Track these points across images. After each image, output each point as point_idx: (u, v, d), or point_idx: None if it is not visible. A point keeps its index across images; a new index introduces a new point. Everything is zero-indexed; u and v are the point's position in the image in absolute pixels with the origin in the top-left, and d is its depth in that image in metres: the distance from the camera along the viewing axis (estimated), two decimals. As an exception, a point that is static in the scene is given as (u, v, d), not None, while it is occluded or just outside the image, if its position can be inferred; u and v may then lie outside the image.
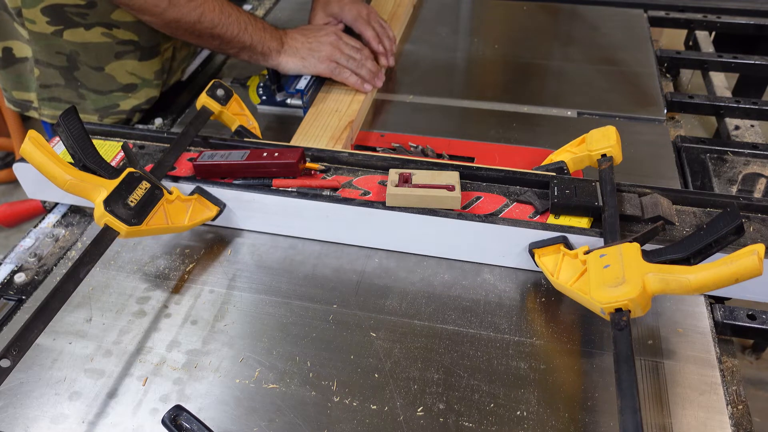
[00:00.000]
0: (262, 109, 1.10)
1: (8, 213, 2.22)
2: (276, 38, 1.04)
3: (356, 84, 1.06)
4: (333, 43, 1.06)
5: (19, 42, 1.02)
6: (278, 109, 1.09)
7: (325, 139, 0.95)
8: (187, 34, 0.97)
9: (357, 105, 1.04)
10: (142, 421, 0.63)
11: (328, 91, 1.08)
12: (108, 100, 1.06)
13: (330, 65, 1.05)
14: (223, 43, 0.99)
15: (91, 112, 1.06)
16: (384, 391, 0.65)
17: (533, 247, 0.74)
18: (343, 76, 1.06)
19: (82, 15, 0.97)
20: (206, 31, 0.96)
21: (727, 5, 1.35)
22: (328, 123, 0.99)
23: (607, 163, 0.80)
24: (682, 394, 0.64)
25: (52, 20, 0.97)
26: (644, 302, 0.60)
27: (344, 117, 1.01)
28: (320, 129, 0.98)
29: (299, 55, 1.05)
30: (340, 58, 1.06)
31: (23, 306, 0.76)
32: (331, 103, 1.05)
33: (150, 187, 0.74)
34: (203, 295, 0.76)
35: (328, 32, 1.08)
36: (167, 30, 0.98)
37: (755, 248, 0.55)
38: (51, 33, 0.98)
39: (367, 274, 0.79)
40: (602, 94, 1.13)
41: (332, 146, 0.93)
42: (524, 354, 0.68)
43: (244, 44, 1.00)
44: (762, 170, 0.94)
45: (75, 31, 0.98)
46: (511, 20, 1.39)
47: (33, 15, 0.96)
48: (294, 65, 1.05)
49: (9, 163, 2.53)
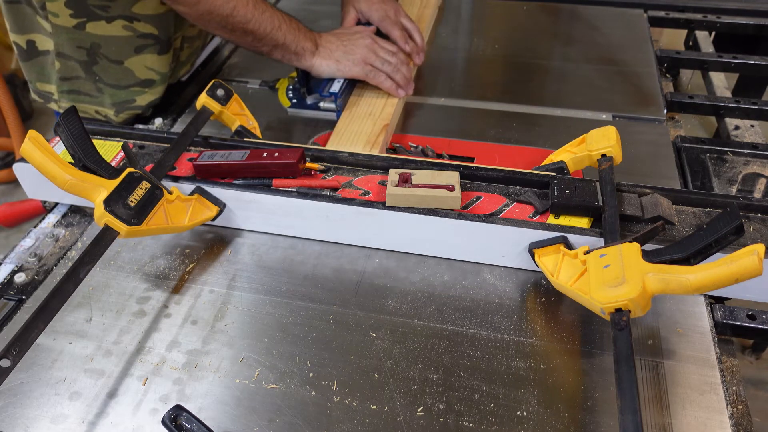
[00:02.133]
0: (292, 112, 1.09)
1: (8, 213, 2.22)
2: (310, 39, 1.03)
3: (390, 88, 1.05)
4: (368, 46, 1.05)
5: (41, 35, 1.03)
6: (309, 113, 1.08)
7: (360, 143, 0.94)
8: (219, 28, 0.97)
9: (391, 108, 1.02)
10: (142, 421, 0.63)
11: (360, 94, 1.07)
12: (126, 95, 1.07)
13: (365, 68, 1.04)
14: (255, 39, 0.99)
15: (108, 107, 1.07)
16: (384, 391, 0.65)
17: (533, 247, 0.74)
18: (378, 79, 1.05)
19: (104, 8, 0.98)
20: (239, 25, 0.96)
21: (727, 5, 1.35)
22: (363, 127, 0.98)
23: (607, 163, 0.80)
24: (682, 394, 0.64)
25: (75, 13, 0.98)
26: (644, 302, 0.60)
27: (378, 121, 0.99)
28: (355, 133, 0.97)
29: (334, 58, 1.04)
30: (375, 61, 1.04)
31: (23, 306, 0.76)
32: (364, 107, 1.03)
33: (150, 187, 0.74)
34: (203, 295, 0.76)
35: (364, 35, 1.07)
36: (200, 22, 0.97)
37: (755, 248, 0.55)
38: (73, 26, 0.99)
39: (367, 274, 0.79)
40: (602, 94, 1.13)
41: (368, 150, 0.92)
42: (524, 354, 0.68)
43: (277, 42, 1.00)
44: (762, 170, 0.94)
45: (97, 24, 0.99)
46: (511, 20, 1.39)
47: (56, 8, 0.97)
48: (328, 68, 1.04)
49: (9, 163, 2.53)
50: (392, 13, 1.14)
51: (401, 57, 1.08)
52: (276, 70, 1.21)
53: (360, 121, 1.00)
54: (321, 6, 1.41)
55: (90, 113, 1.09)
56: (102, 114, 1.08)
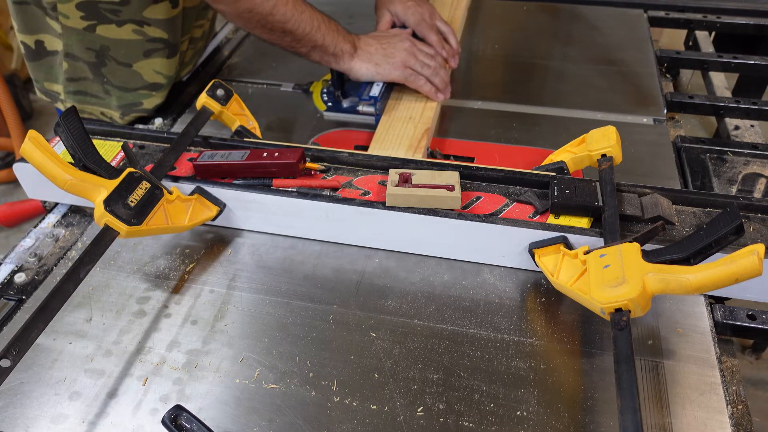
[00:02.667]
0: (327, 115, 1.08)
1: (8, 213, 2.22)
2: (349, 41, 1.02)
3: (430, 92, 1.04)
4: (408, 49, 1.04)
5: (50, 35, 1.03)
6: (346, 116, 1.07)
7: (403, 147, 0.93)
8: (259, 27, 0.96)
9: (430, 112, 1.01)
10: (142, 421, 0.63)
11: (398, 98, 1.05)
12: (133, 98, 1.06)
13: (405, 72, 1.03)
14: (294, 40, 0.98)
15: (114, 108, 1.07)
16: (384, 391, 0.65)
17: (533, 247, 0.74)
18: (417, 83, 1.03)
19: (115, 12, 0.98)
20: (278, 25, 0.95)
21: (727, 5, 1.35)
22: (404, 131, 0.97)
23: (607, 163, 0.80)
24: (682, 394, 0.64)
25: (86, 15, 0.98)
26: (644, 302, 0.60)
27: (419, 124, 0.98)
28: (396, 137, 0.96)
29: (373, 61, 1.02)
30: (414, 64, 1.03)
31: (23, 306, 0.76)
32: (403, 111, 1.02)
33: (150, 187, 0.74)
34: (203, 295, 0.76)
35: (402, 38, 1.05)
36: (240, 21, 0.97)
37: (755, 248, 0.55)
38: (83, 28, 0.99)
39: (367, 274, 0.79)
40: (602, 94, 1.13)
41: (411, 155, 0.91)
42: (524, 354, 0.68)
43: (316, 43, 0.99)
44: (762, 170, 0.94)
45: (107, 27, 0.99)
46: (511, 20, 1.39)
47: (67, 10, 0.97)
48: (367, 71, 1.03)
49: (9, 163, 2.53)
50: (428, 17, 1.13)
51: (439, 60, 1.07)
52: (276, 71, 1.21)
53: (400, 125, 0.98)
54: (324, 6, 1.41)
55: (96, 114, 1.09)
56: (107, 116, 1.08)
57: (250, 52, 1.29)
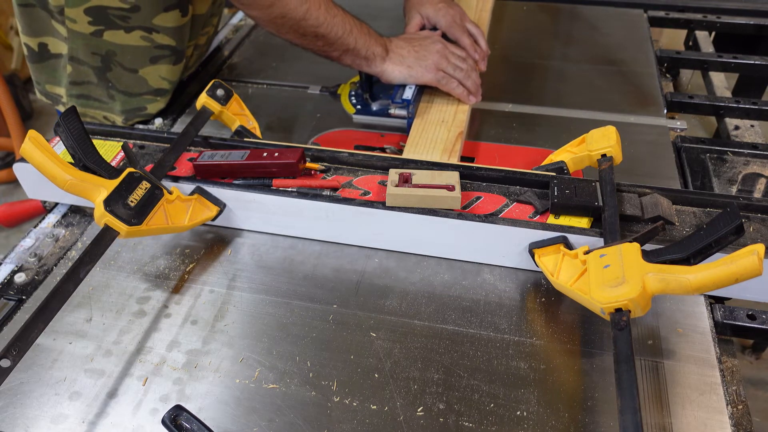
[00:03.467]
0: (357, 118, 1.08)
1: (8, 213, 2.22)
2: (380, 44, 1.01)
3: (462, 95, 1.03)
4: (440, 51, 1.03)
5: (54, 38, 1.03)
6: (376, 119, 1.07)
7: (438, 151, 0.93)
8: (292, 32, 0.96)
9: (463, 115, 1.01)
10: (142, 421, 0.63)
11: (430, 101, 1.05)
12: (137, 103, 1.06)
13: (437, 74, 1.02)
14: (326, 44, 0.98)
15: (117, 113, 1.07)
16: (384, 391, 0.65)
17: (533, 247, 0.74)
18: (450, 86, 1.03)
19: (124, 18, 0.98)
20: (311, 29, 0.95)
21: (727, 5, 1.35)
22: (438, 135, 0.96)
23: (607, 163, 0.80)
24: (682, 394, 0.64)
25: (94, 21, 0.97)
26: (644, 302, 0.60)
27: (453, 128, 0.98)
28: (430, 141, 0.95)
29: (406, 64, 1.02)
30: (447, 67, 1.02)
31: (23, 306, 0.76)
32: (435, 114, 1.02)
33: (150, 187, 0.74)
34: (203, 295, 0.76)
35: (434, 40, 1.05)
36: (272, 26, 0.96)
37: (755, 248, 0.55)
38: (90, 33, 0.99)
39: (367, 274, 0.79)
40: (602, 94, 1.13)
41: (446, 159, 0.91)
42: (524, 354, 0.68)
43: (348, 47, 0.98)
44: (762, 170, 0.94)
45: (115, 33, 0.99)
46: (511, 20, 1.39)
47: (75, 14, 0.97)
48: (400, 74, 1.02)
49: (9, 163, 2.53)
50: (459, 19, 1.12)
51: (470, 63, 1.06)
52: (277, 71, 1.21)
53: (434, 129, 0.98)
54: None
55: (98, 119, 1.08)
56: (110, 120, 1.08)
57: (250, 52, 1.29)
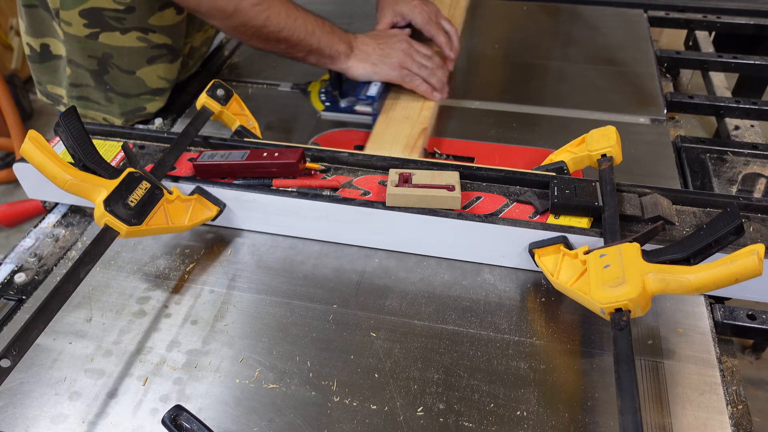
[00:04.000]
0: (325, 115, 1.08)
1: (8, 213, 2.22)
2: (344, 41, 1.02)
3: (426, 92, 1.04)
4: (405, 50, 1.04)
5: (55, 39, 1.03)
6: (343, 116, 1.08)
7: (399, 146, 0.93)
8: (254, 39, 0.97)
9: (428, 112, 1.02)
10: (142, 421, 0.63)
11: (396, 98, 1.06)
12: (135, 103, 1.06)
13: (401, 72, 1.03)
14: (289, 46, 0.99)
15: (117, 116, 1.07)
16: (384, 391, 0.65)
17: (533, 247, 0.74)
18: (413, 83, 1.04)
19: (119, 19, 0.98)
20: (272, 35, 0.96)
21: (727, 5, 1.35)
22: (401, 131, 0.97)
23: (607, 163, 0.80)
24: (682, 394, 0.64)
25: (90, 23, 0.97)
26: (644, 302, 0.60)
27: (416, 124, 0.98)
28: (393, 137, 0.96)
29: (370, 61, 1.03)
30: (411, 65, 1.03)
31: (23, 306, 0.76)
32: (401, 111, 1.03)
33: (150, 187, 0.74)
34: (203, 295, 0.76)
35: (400, 39, 1.06)
36: (235, 34, 0.98)
37: (755, 248, 0.55)
38: (86, 36, 0.98)
39: (367, 274, 0.79)
40: (602, 94, 1.13)
41: (407, 154, 0.91)
42: (524, 354, 0.68)
43: (311, 47, 0.99)
44: (762, 170, 0.94)
45: (111, 35, 0.99)
46: (511, 20, 1.39)
47: (70, 17, 0.97)
48: (364, 71, 1.03)
49: (9, 163, 2.53)
50: (434, 16, 1.12)
51: (437, 60, 1.07)
52: (277, 71, 1.21)
53: (397, 125, 0.99)
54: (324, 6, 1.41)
55: (98, 120, 1.08)
56: (110, 122, 1.08)
57: (250, 52, 1.29)
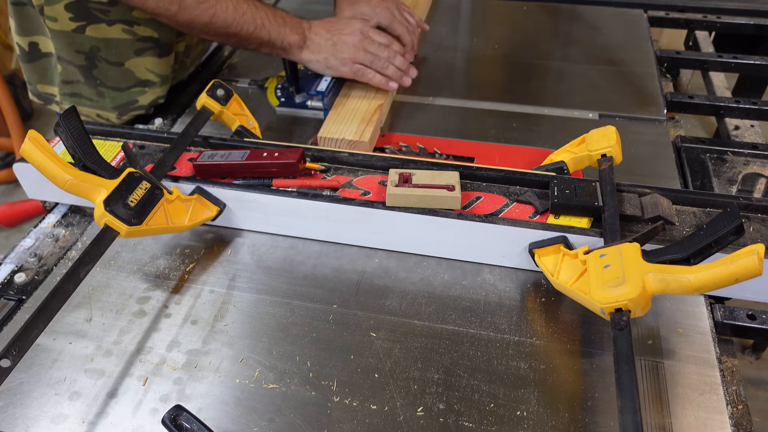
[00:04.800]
0: (280, 111, 1.09)
1: (8, 213, 2.22)
2: (297, 32, 1.01)
3: (381, 83, 1.04)
4: (357, 44, 1.03)
5: (44, 37, 1.03)
6: (297, 111, 1.08)
7: (355, 123, 0.94)
8: (203, 34, 0.98)
9: (381, 100, 1.03)
10: (142, 421, 0.63)
11: (347, 95, 1.06)
12: (127, 96, 1.06)
13: (353, 67, 1.03)
14: (240, 40, 0.99)
15: (110, 110, 1.07)
16: (384, 391, 0.65)
17: (533, 247, 0.74)
18: (367, 77, 1.03)
19: (104, 11, 0.98)
20: (220, 30, 0.97)
21: (727, 5, 1.35)
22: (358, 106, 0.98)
23: (607, 163, 0.80)
24: (682, 394, 0.64)
25: (76, 16, 0.97)
26: (644, 302, 0.60)
27: (373, 101, 0.99)
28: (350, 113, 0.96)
29: (322, 54, 1.03)
30: (364, 58, 1.03)
31: (23, 306, 0.76)
32: (352, 103, 1.03)
33: (150, 187, 0.74)
34: (203, 295, 0.76)
35: (354, 30, 1.04)
36: (183, 29, 0.99)
37: (755, 248, 0.55)
38: (72, 30, 0.99)
39: (367, 274, 0.79)
40: (602, 94, 1.13)
41: (363, 129, 0.91)
42: (524, 354, 0.68)
43: (262, 40, 1.00)
44: (762, 170, 0.94)
45: (97, 27, 0.99)
46: (511, 20, 1.39)
47: (55, 12, 0.97)
48: (318, 63, 1.03)
49: (9, 163, 2.53)
50: (396, 12, 1.12)
51: (395, 47, 1.07)
52: (276, 70, 1.21)
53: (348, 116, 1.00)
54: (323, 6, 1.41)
55: (92, 117, 1.08)
56: (104, 117, 1.08)
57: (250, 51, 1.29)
